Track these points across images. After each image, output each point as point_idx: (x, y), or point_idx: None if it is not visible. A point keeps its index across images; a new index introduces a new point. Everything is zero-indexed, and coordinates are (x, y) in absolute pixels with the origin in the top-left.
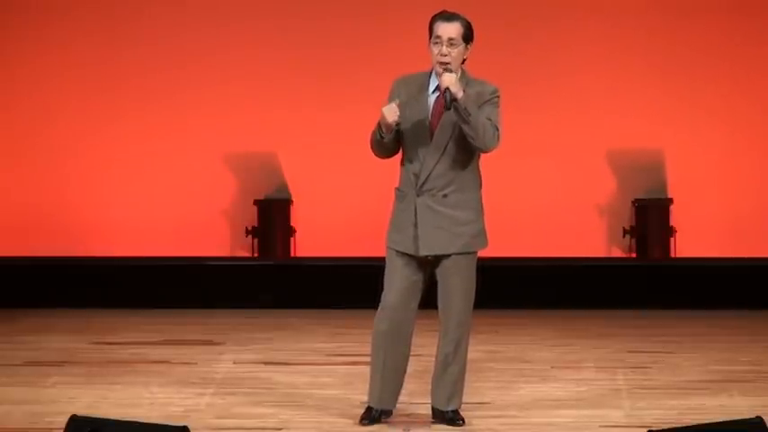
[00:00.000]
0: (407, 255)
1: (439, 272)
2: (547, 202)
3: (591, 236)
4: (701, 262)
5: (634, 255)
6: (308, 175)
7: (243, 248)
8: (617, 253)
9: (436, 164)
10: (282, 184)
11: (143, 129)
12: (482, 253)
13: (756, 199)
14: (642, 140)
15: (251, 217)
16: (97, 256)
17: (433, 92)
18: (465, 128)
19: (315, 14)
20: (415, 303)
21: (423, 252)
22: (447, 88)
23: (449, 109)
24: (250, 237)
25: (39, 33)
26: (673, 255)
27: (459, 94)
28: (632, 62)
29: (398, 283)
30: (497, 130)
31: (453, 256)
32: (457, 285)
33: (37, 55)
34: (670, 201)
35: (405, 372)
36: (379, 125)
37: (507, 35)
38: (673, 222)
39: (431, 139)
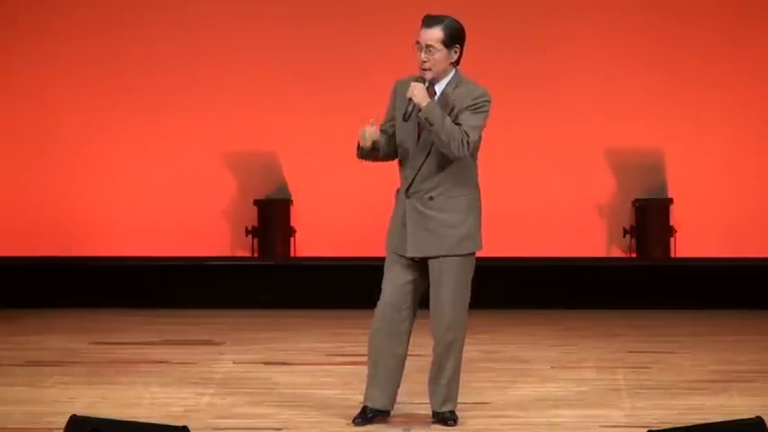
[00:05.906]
0: (401, 256)
1: (430, 274)
2: (547, 202)
3: (591, 236)
4: (700, 262)
5: (634, 255)
6: (308, 175)
7: (243, 248)
8: (617, 253)
9: (422, 166)
10: (282, 184)
11: (143, 129)
12: (483, 253)
13: (756, 199)
14: (642, 140)
15: (251, 217)
16: (97, 256)
17: None
18: (431, 136)
19: (315, 16)
20: (410, 303)
21: (410, 253)
22: (410, 99)
23: (406, 120)
24: (250, 237)
25: (42, 37)
26: (673, 255)
27: (423, 104)
28: (632, 62)
29: (392, 283)
30: (467, 136)
31: (441, 258)
32: (445, 288)
33: (39, 58)
34: (670, 201)
35: (400, 372)
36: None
37: (507, 36)
38: (673, 222)
39: (418, 142)
